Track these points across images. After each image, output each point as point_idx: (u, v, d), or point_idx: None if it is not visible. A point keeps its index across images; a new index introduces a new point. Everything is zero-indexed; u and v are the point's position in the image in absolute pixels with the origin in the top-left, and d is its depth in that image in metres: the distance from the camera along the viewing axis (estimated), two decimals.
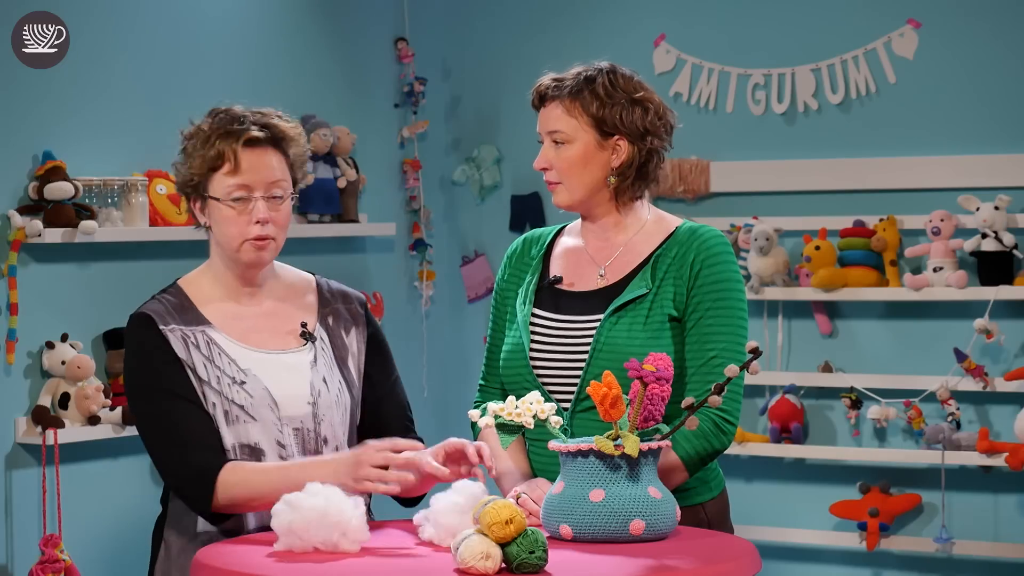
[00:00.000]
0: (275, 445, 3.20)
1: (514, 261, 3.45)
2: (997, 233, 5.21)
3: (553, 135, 3.28)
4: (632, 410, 2.93)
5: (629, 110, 3.26)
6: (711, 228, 3.32)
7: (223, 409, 3.18)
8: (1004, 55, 5.34)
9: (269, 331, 3.28)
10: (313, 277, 3.40)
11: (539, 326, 3.32)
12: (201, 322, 3.24)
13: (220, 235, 3.23)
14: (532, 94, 3.34)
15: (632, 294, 3.24)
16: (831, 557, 5.61)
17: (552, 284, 3.35)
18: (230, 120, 3.22)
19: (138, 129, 5.19)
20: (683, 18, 5.80)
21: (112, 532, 5.07)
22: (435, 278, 6.19)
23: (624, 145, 3.27)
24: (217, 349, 3.21)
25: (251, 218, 3.19)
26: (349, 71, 5.95)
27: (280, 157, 3.24)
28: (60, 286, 4.99)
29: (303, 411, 3.23)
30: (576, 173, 3.27)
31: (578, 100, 3.26)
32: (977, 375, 5.23)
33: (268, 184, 3.21)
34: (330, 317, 3.34)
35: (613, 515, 2.88)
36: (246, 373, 3.20)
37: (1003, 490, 5.36)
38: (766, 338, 5.62)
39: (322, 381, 3.26)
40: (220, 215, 3.21)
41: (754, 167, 5.67)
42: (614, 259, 3.32)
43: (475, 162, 6.18)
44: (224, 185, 3.20)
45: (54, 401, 4.89)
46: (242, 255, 3.22)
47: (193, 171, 3.23)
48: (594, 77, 3.27)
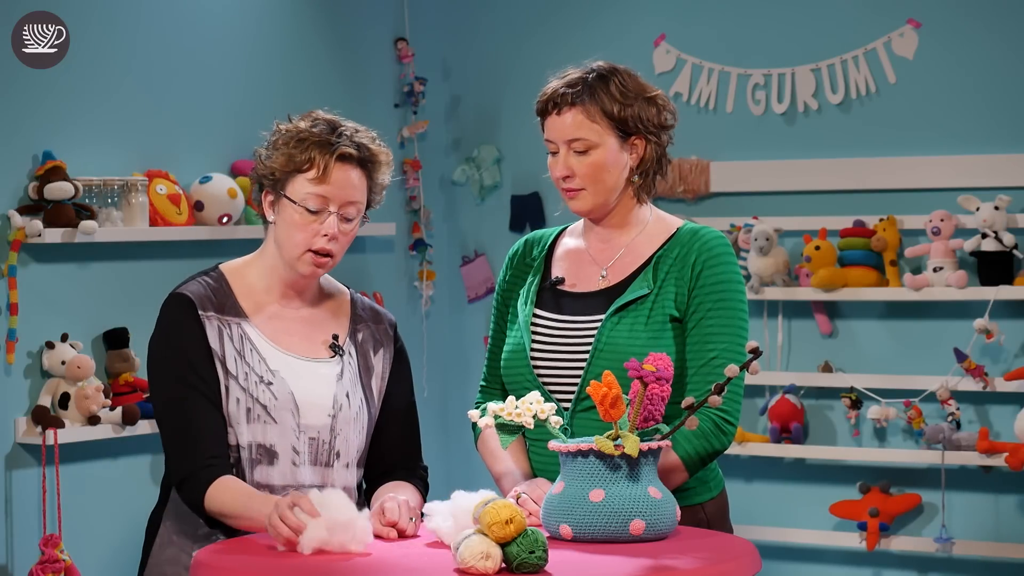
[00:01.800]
0: (290, 450, 3.21)
1: (516, 262, 3.45)
2: (997, 233, 5.21)
3: (575, 143, 3.25)
4: (632, 410, 2.93)
5: (645, 109, 3.26)
6: (712, 229, 3.32)
7: (246, 406, 3.19)
8: (1004, 55, 5.34)
9: (302, 336, 3.28)
10: (348, 291, 3.41)
11: (540, 327, 3.31)
12: (238, 314, 3.24)
13: (284, 237, 3.22)
14: (542, 102, 3.30)
15: (634, 294, 3.24)
16: (831, 557, 5.61)
17: (554, 285, 3.35)
18: (329, 130, 3.21)
19: (138, 129, 5.19)
20: (683, 18, 5.80)
21: (112, 532, 5.07)
22: (435, 278, 6.19)
23: (641, 144, 3.28)
24: (250, 344, 3.22)
25: (320, 230, 3.19)
26: (349, 71, 5.95)
27: (364, 178, 3.24)
28: (60, 286, 4.99)
29: (322, 422, 3.23)
30: (602, 178, 3.26)
31: (597, 104, 3.23)
32: (977, 375, 5.23)
33: (346, 203, 3.21)
34: (360, 333, 3.35)
35: (613, 515, 2.88)
36: (274, 374, 3.21)
37: (1003, 490, 5.36)
38: (766, 338, 5.62)
39: (345, 396, 3.27)
40: (290, 218, 3.20)
41: (754, 167, 5.67)
42: (616, 260, 3.32)
43: (475, 162, 6.18)
44: (304, 190, 3.19)
45: (54, 401, 4.89)
46: (300, 264, 3.22)
47: (276, 165, 3.21)
48: (607, 78, 3.25)
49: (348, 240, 3.24)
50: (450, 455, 5.99)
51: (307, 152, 3.19)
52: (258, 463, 3.19)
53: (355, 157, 3.21)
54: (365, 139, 3.25)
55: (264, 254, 3.30)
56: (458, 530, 2.84)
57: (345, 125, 3.25)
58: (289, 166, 3.20)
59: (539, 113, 3.31)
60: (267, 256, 3.29)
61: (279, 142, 3.23)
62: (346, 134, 3.22)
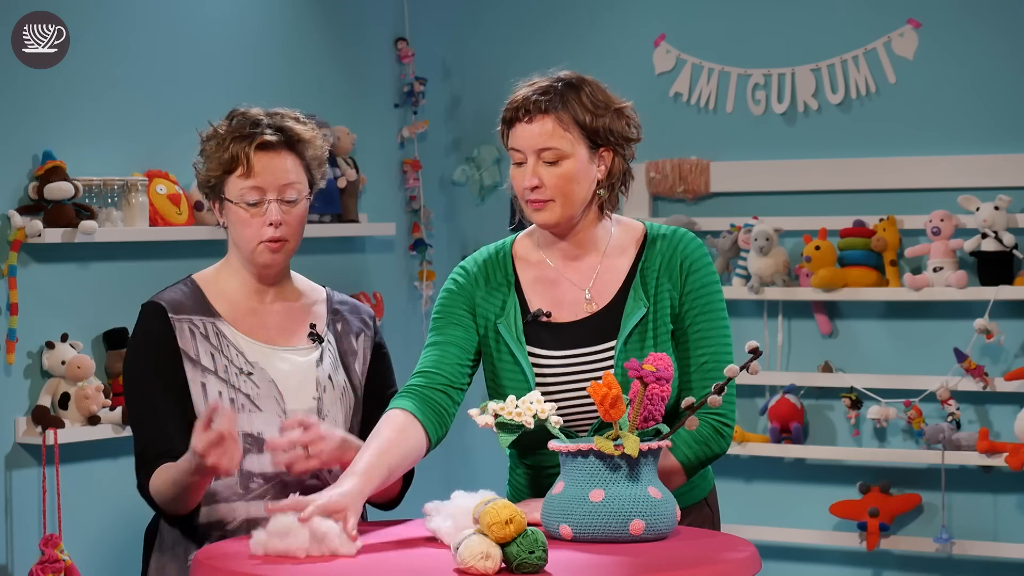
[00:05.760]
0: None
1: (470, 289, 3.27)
2: (997, 233, 5.21)
3: (545, 152, 3.15)
4: (632, 410, 2.93)
5: (615, 120, 3.19)
6: (683, 230, 3.26)
7: (229, 397, 3.21)
8: (1004, 55, 5.34)
9: (278, 329, 3.31)
10: (324, 289, 3.43)
11: (545, 368, 3.21)
12: (212, 315, 3.28)
13: (236, 236, 3.28)
14: (511, 109, 3.19)
15: (635, 317, 3.19)
16: (831, 557, 5.61)
17: (536, 318, 3.23)
18: (245, 123, 3.25)
19: (138, 129, 5.19)
20: (683, 18, 5.80)
21: (112, 532, 5.07)
22: (435, 278, 6.19)
23: (609, 156, 3.20)
24: (226, 341, 3.26)
25: (264, 220, 3.23)
26: (349, 71, 5.95)
27: (295, 159, 3.27)
28: (60, 286, 4.99)
29: (308, 405, 3.26)
30: (572, 190, 3.16)
31: (569, 113, 3.15)
32: (977, 375, 5.23)
33: (281, 187, 3.24)
34: (339, 323, 3.38)
35: (613, 515, 2.88)
36: (253, 365, 3.25)
37: (1003, 490, 5.36)
38: (766, 338, 5.62)
39: (328, 378, 3.30)
40: (235, 217, 3.26)
41: (754, 167, 5.67)
42: (595, 280, 3.25)
43: (475, 162, 6.18)
44: (238, 188, 3.24)
45: (54, 401, 4.89)
46: (257, 257, 3.26)
47: (210, 172, 3.27)
48: (577, 88, 3.18)
49: (297, 220, 3.26)
50: (450, 455, 5.99)
51: (229, 151, 3.23)
52: (248, 452, 3.21)
53: (276, 142, 3.24)
54: (288, 121, 3.27)
55: (230, 258, 3.35)
56: (458, 530, 2.83)
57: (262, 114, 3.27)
58: (219, 169, 3.25)
59: (506, 121, 3.21)
60: (232, 259, 3.34)
61: (207, 150, 3.28)
62: (263, 122, 3.24)
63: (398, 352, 3.56)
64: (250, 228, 3.24)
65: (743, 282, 5.54)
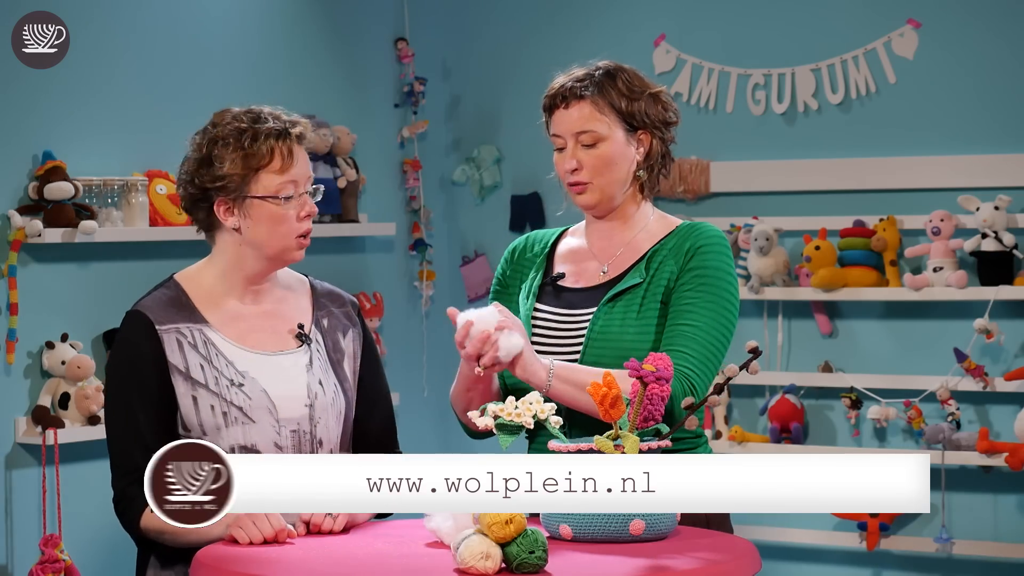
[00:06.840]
0: (272, 447, 3.20)
1: (516, 257, 3.47)
2: (997, 233, 5.21)
3: (583, 136, 3.29)
4: (632, 410, 2.93)
5: (651, 104, 3.31)
6: (712, 226, 3.35)
7: (222, 411, 3.18)
8: (1004, 55, 5.34)
9: (267, 332, 3.28)
10: (306, 279, 3.41)
11: (540, 321, 3.35)
12: (198, 320, 3.24)
13: (266, 234, 3.21)
14: (549, 96, 3.34)
15: (626, 284, 3.28)
16: (831, 557, 5.61)
17: (555, 281, 3.37)
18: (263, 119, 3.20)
19: (138, 129, 5.19)
20: (683, 18, 5.80)
21: (112, 532, 5.06)
22: (435, 278, 6.19)
23: (647, 138, 3.32)
24: (215, 350, 3.21)
25: (301, 212, 3.21)
26: (349, 71, 5.95)
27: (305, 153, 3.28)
28: (60, 286, 4.99)
29: (300, 413, 3.24)
30: (610, 171, 3.30)
31: (605, 98, 3.28)
32: (977, 375, 5.23)
33: (308, 179, 3.25)
34: (325, 319, 3.35)
35: (613, 515, 2.88)
36: (244, 375, 3.21)
37: (1003, 490, 5.36)
38: (766, 338, 5.62)
39: (318, 384, 3.27)
40: (268, 214, 3.20)
41: (754, 167, 5.67)
42: (617, 256, 3.35)
43: (475, 162, 6.18)
44: (274, 183, 3.19)
45: (54, 401, 4.89)
46: (289, 254, 3.24)
47: (230, 171, 3.18)
48: (614, 74, 3.31)
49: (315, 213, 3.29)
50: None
51: (264, 145, 3.18)
52: None
53: (300, 136, 3.23)
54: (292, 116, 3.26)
55: (216, 259, 3.28)
56: (458, 530, 2.83)
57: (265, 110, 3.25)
58: (247, 166, 3.18)
59: (546, 108, 3.35)
60: (220, 261, 3.27)
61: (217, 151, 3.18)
62: (282, 117, 3.23)
63: (398, 352, 3.56)
64: (287, 223, 3.20)
65: (743, 282, 5.54)
